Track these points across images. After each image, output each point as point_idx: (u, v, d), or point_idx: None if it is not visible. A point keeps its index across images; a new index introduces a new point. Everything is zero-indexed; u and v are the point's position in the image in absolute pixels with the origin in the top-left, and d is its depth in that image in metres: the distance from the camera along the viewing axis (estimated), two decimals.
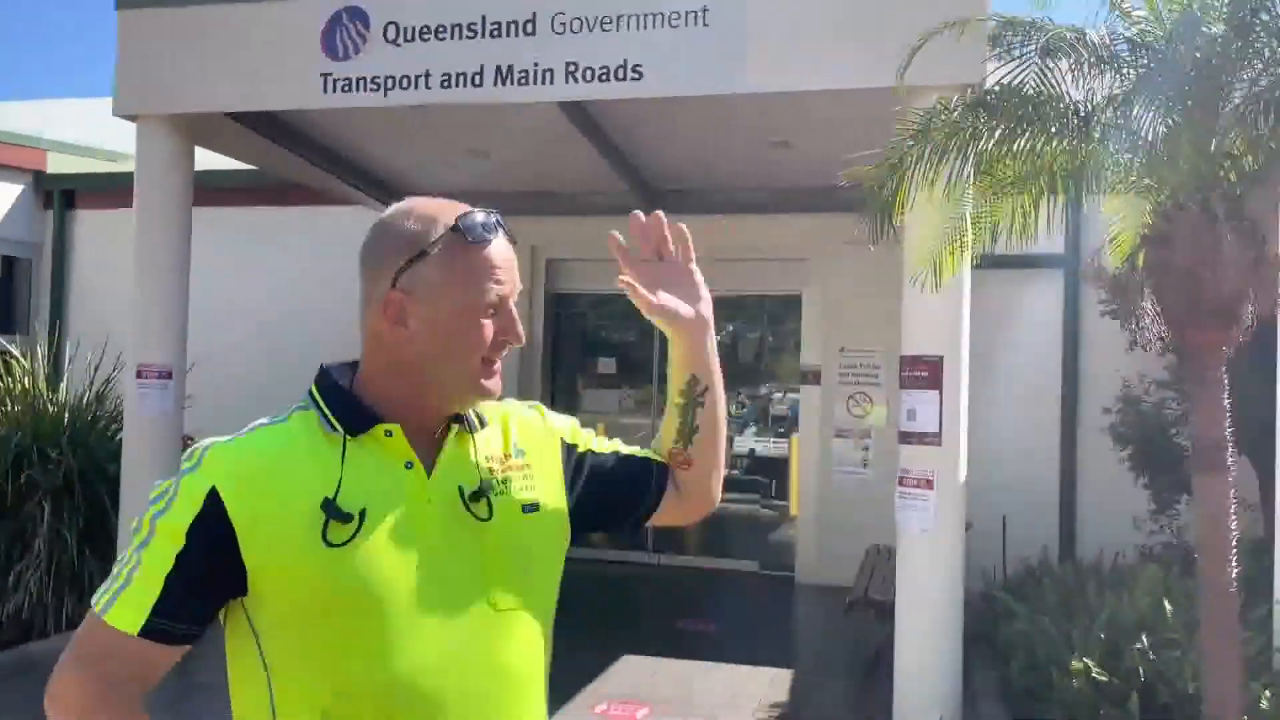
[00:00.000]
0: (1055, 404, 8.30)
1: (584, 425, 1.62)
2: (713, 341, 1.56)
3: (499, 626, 1.37)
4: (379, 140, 7.51)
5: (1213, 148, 3.64)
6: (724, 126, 6.88)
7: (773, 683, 6.00)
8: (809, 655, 6.82)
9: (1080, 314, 8.24)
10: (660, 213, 1.54)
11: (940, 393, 5.39)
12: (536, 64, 5.57)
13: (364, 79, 5.74)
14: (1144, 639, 4.91)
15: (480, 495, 1.39)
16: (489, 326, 1.38)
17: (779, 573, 8.88)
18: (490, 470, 1.43)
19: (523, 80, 5.58)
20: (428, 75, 5.67)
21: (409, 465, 1.37)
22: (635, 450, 1.61)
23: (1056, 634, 5.32)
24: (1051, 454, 8.30)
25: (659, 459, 1.60)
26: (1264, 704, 4.58)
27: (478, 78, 5.66)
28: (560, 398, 9.54)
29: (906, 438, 5.51)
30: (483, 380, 1.40)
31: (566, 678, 5.59)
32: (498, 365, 1.40)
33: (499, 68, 5.60)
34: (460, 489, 1.39)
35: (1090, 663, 4.89)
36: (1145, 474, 7.02)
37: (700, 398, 1.55)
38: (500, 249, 1.40)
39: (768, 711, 5.53)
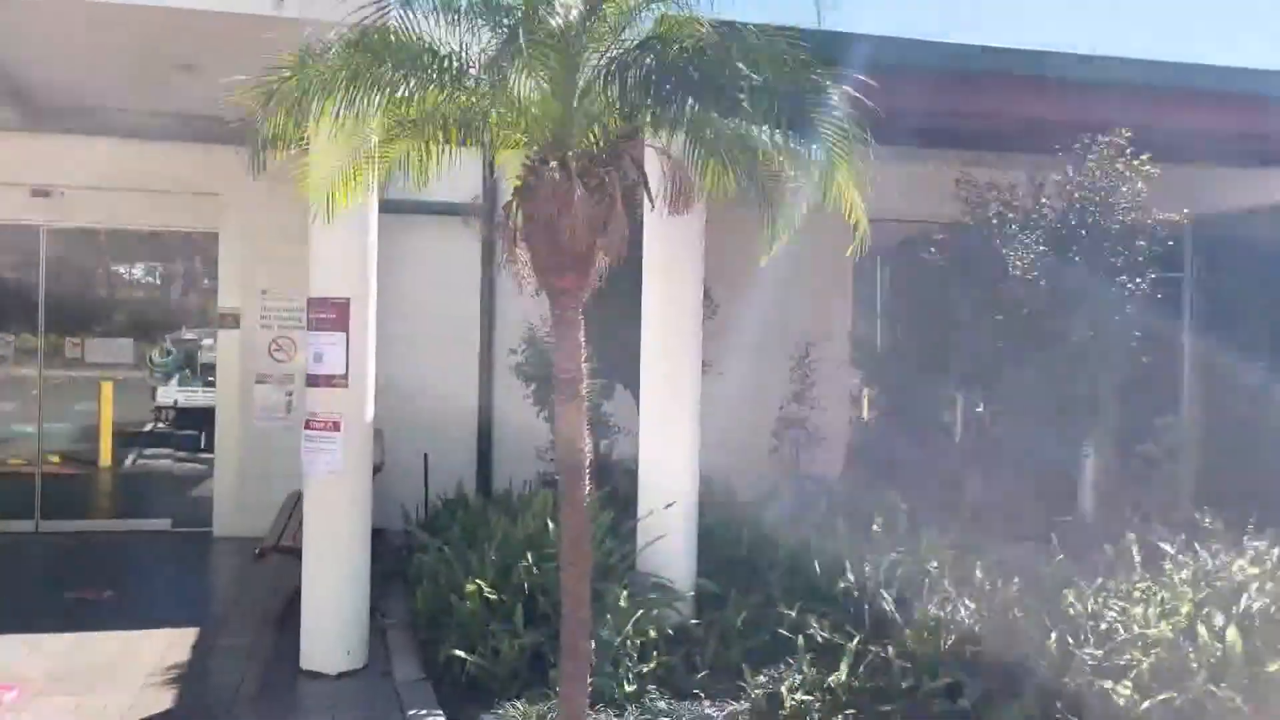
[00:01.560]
0: (475, 346, 8.78)
1: None
2: None
3: None
4: None
5: (575, 109, 4.02)
6: (113, 41, 6.18)
7: (173, 643, 5.66)
8: (219, 610, 6.53)
9: (497, 260, 8.76)
10: None
11: (348, 335, 5.41)
12: None
13: None
14: (529, 556, 5.41)
15: None
16: None
17: (195, 529, 8.38)
18: None
19: None
20: None
21: None
22: None
23: (457, 561, 5.66)
24: (471, 393, 8.78)
25: None
26: (623, 603, 5.31)
27: None
28: None
29: (314, 380, 5.46)
30: None
31: None
32: None
33: None
34: None
35: (483, 584, 5.28)
36: (545, 409, 7.70)
37: None
38: None
39: (164, 674, 5.20)
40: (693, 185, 4.29)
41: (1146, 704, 4.53)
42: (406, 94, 3.88)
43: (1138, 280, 6.73)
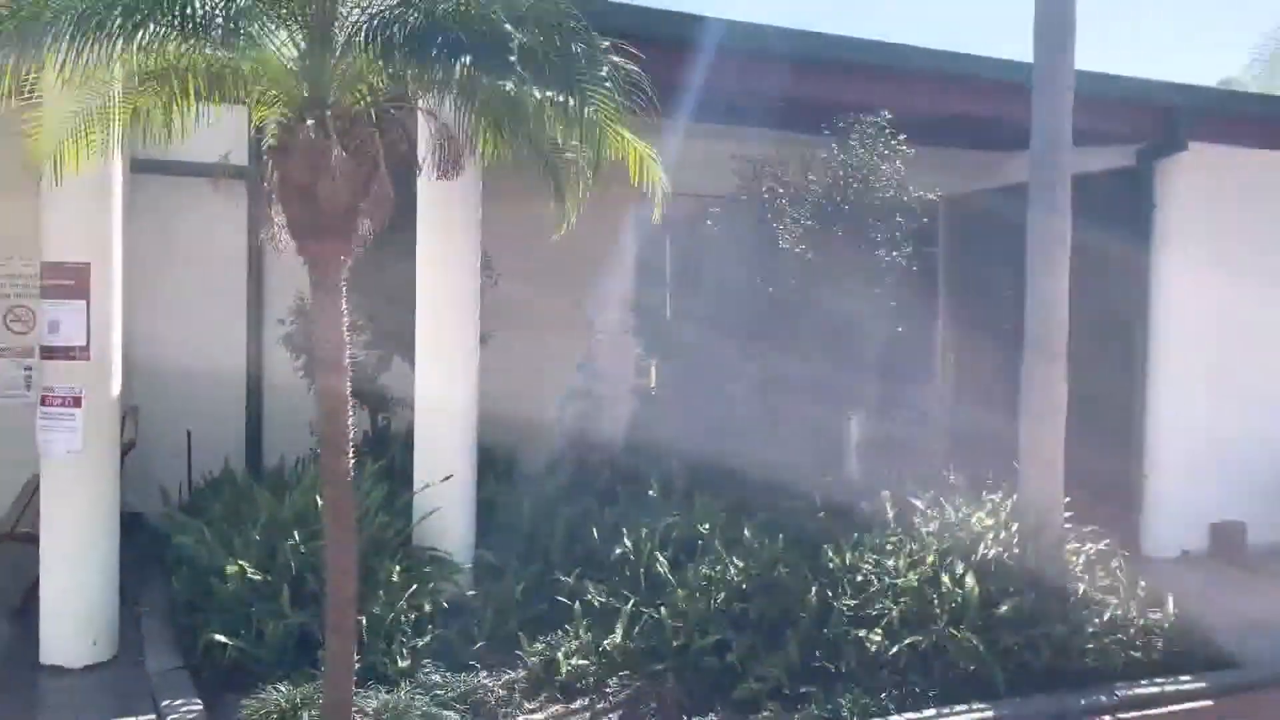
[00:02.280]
0: (242, 317, 8.31)
1: None
2: None
3: None
4: None
5: (333, 66, 3.84)
6: None
7: None
8: None
9: (264, 226, 8.30)
10: None
11: (88, 302, 4.99)
12: None
13: None
14: (297, 535, 5.19)
15: None
16: None
17: None
18: None
19: None
20: None
21: None
22: None
23: (219, 543, 5.36)
24: (239, 366, 8.30)
25: None
26: (395, 577, 5.19)
27: None
28: None
29: (50, 352, 5.04)
30: None
31: None
32: None
33: None
34: None
35: (246, 565, 5.02)
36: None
37: None
38: None
39: None
40: (461, 149, 4.21)
41: (895, 649, 4.87)
42: (144, 43, 3.58)
43: (895, 254, 7.14)
